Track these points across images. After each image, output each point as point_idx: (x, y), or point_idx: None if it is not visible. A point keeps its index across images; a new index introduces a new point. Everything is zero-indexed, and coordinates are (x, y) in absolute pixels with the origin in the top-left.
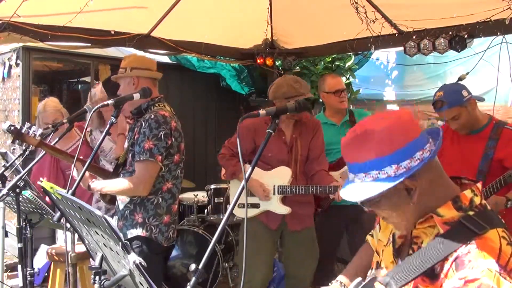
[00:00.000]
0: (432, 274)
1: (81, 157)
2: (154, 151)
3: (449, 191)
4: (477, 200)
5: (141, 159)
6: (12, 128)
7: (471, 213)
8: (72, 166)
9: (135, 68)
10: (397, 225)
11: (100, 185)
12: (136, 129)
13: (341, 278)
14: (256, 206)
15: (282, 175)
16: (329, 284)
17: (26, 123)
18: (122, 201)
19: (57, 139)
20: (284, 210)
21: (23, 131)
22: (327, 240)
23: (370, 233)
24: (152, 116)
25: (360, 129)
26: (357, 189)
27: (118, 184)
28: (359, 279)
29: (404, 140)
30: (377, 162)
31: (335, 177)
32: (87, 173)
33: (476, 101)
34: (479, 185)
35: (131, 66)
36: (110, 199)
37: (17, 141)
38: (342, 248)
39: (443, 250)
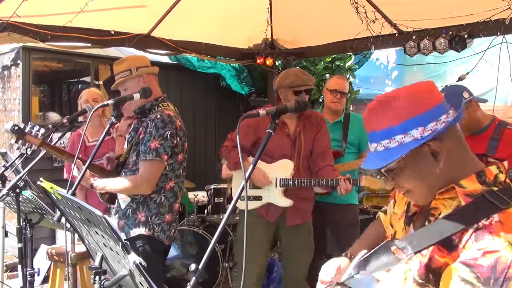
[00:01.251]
0: (449, 245)
1: (80, 156)
2: (160, 150)
3: (473, 164)
4: (501, 177)
5: (147, 158)
6: (16, 128)
7: (494, 188)
8: (73, 165)
9: (139, 67)
10: (419, 196)
11: (103, 183)
12: (141, 128)
13: (349, 251)
14: (258, 198)
15: (284, 168)
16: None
17: (29, 122)
18: (123, 200)
19: (57, 138)
20: (286, 202)
21: (26, 130)
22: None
23: (382, 209)
24: (158, 116)
25: (385, 95)
26: (381, 156)
27: (122, 183)
28: (364, 251)
29: (430, 103)
30: (403, 126)
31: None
32: (88, 173)
33: (479, 102)
34: (505, 163)
35: (135, 66)
36: (108, 197)
37: (20, 141)
38: (329, 246)
39: (463, 221)
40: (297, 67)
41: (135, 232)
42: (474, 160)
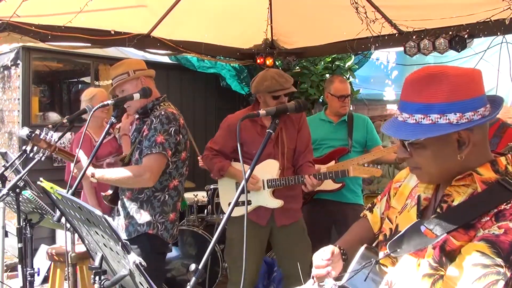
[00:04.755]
0: (467, 224)
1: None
2: (166, 145)
3: (488, 154)
4: (510, 168)
5: (153, 152)
6: (33, 134)
7: (506, 178)
8: (72, 168)
9: (137, 70)
10: (428, 175)
11: (101, 172)
12: (145, 127)
13: (338, 243)
14: (248, 202)
15: (270, 168)
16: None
17: (44, 128)
18: (128, 198)
19: (57, 139)
20: (276, 203)
21: (41, 137)
22: (314, 235)
23: (367, 208)
24: (162, 113)
25: (434, 70)
26: (410, 129)
27: (123, 171)
28: (365, 245)
29: (475, 91)
30: (442, 107)
31: (321, 171)
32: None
33: None
34: (510, 155)
35: (133, 69)
36: (111, 199)
37: (35, 147)
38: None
39: (485, 205)
40: (297, 67)
41: (139, 231)
42: (488, 150)
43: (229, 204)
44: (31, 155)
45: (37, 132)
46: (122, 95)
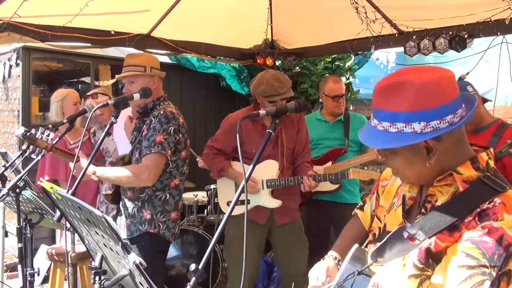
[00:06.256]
0: (451, 226)
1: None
2: (165, 145)
3: (467, 152)
4: (491, 163)
5: (152, 151)
6: (28, 134)
7: (488, 174)
8: (72, 168)
9: (154, 68)
10: (407, 178)
11: (102, 170)
12: (144, 126)
13: (332, 253)
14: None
15: (269, 169)
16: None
17: (40, 128)
18: (129, 198)
19: (57, 139)
20: (275, 203)
21: (37, 136)
22: (313, 236)
23: (358, 206)
24: (162, 112)
25: (400, 77)
26: (378, 137)
27: (123, 170)
28: (356, 245)
29: (440, 100)
30: (407, 116)
31: (319, 171)
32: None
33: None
34: (491, 149)
35: (150, 65)
36: (112, 198)
37: (32, 146)
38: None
39: (467, 205)
40: (297, 67)
41: (140, 230)
42: (468, 147)
43: (228, 203)
44: (27, 154)
45: (33, 131)
46: (130, 86)
